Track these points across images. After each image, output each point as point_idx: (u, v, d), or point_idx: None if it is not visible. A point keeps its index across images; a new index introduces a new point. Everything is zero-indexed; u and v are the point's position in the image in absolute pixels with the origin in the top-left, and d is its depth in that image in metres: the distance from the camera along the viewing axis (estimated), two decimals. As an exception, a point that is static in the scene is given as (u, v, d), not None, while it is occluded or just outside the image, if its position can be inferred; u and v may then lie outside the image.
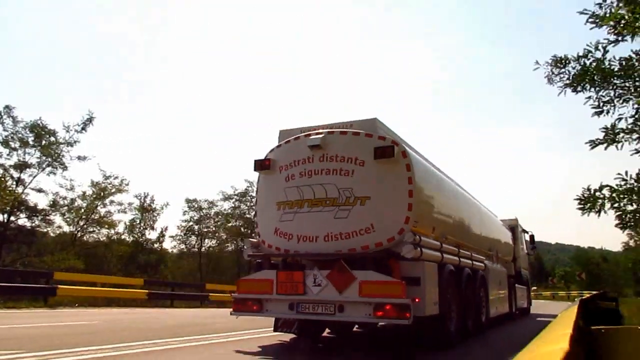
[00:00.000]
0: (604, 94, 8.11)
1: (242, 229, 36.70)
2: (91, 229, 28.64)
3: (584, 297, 10.80)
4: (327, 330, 9.18)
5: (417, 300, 6.42)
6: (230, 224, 36.79)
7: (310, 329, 8.27)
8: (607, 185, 7.55)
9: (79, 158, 24.66)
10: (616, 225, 7.76)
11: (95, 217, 28.16)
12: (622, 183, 7.49)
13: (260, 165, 7.87)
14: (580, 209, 7.71)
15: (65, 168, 24.67)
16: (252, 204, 36.67)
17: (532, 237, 19.01)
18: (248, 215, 36.69)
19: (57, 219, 26.57)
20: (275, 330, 8.17)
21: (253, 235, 9.04)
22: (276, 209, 7.54)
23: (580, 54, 8.36)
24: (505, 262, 14.11)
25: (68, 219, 27.06)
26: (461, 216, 10.16)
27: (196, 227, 36.24)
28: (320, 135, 7.35)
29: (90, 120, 24.56)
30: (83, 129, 24.33)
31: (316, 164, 7.33)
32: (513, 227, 16.53)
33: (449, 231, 8.70)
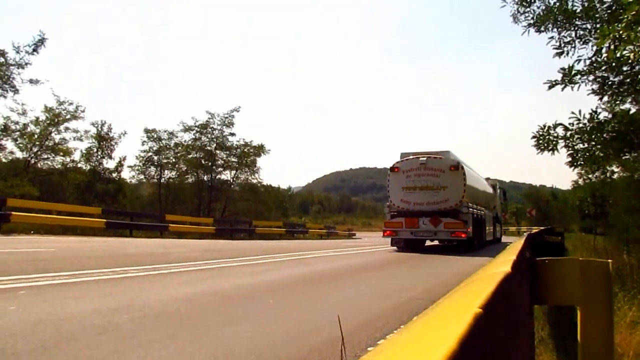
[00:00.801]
0: (565, 35, 8.22)
1: (202, 161, 36.31)
2: (45, 156, 27.75)
3: (532, 232, 11.57)
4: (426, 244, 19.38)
5: (468, 229, 16.39)
6: (190, 156, 36.29)
7: (414, 244, 17.81)
8: (560, 124, 7.88)
9: (30, 81, 23.47)
10: (567, 163, 8.15)
11: (50, 144, 27.26)
12: (576, 122, 7.80)
13: (392, 169, 17.52)
14: (535, 146, 8.07)
15: (16, 91, 23.50)
16: (212, 137, 36.16)
17: (504, 192, 31.58)
18: (209, 148, 36.22)
19: (9, 144, 25.60)
20: (391, 245, 18.39)
21: (388, 201, 18.02)
22: (401, 190, 17.19)
23: None
24: (491, 209, 23.56)
25: (21, 145, 26.11)
26: (479, 191, 20.33)
27: (155, 157, 35.62)
28: (425, 158, 17.01)
29: (42, 41, 23.23)
30: (35, 50, 23.03)
31: (422, 170, 16.93)
32: (494, 186, 26.39)
33: (475, 200, 18.56)
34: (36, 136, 26.37)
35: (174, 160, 36.40)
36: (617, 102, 8.11)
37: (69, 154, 28.30)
